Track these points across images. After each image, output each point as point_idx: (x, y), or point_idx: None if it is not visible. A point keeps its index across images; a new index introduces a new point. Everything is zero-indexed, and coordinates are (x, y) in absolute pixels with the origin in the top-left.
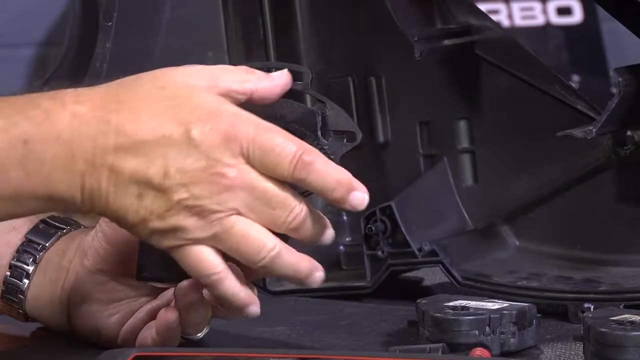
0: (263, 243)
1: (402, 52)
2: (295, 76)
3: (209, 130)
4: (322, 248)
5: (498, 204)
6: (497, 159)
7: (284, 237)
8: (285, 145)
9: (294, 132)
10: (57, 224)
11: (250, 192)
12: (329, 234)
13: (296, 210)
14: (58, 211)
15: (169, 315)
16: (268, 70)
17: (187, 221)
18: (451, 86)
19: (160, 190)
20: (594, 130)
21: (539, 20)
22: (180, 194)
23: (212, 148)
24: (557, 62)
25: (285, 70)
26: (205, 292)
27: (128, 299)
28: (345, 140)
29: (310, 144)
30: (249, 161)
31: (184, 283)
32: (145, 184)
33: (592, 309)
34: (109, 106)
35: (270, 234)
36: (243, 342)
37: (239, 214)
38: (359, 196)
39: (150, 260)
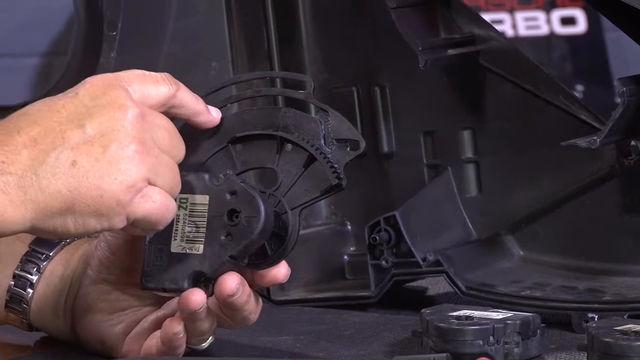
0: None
1: (406, 62)
2: (298, 85)
3: (89, 85)
4: (327, 258)
5: (502, 214)
6: (501, 169)
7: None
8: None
9: (296, 141)
10: None
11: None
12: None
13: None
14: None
15: (174, 326)
16: (271, 79)
17: (130, 156)
18: (455, 96)
19: (89, 142)
20: (598, 140)
21: (543, 30)
22: (109, 136)
23: (101, 93)
24: (561, 72)
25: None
26: (210, 302)
27: (132, 308)
28: (348, 149)
29: (313, 153)
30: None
31: (189, 293)
32: (74, 144)
33: (596, 319)
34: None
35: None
36: (247, 352)
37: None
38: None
39: (154, 270)
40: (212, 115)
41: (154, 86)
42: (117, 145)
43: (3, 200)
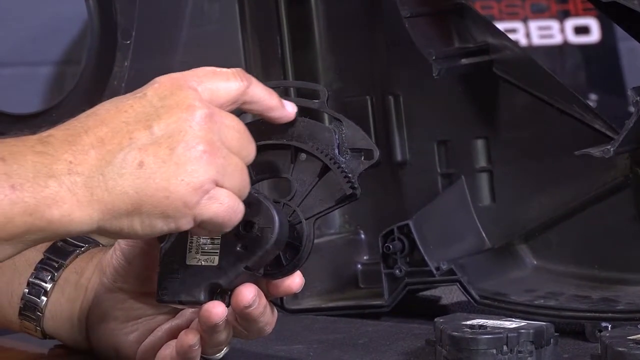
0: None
1: (420, 71)
2: (312, 94)
3: (157, 85)
4: (340, 267)
5: (515, 223)
6: (514, 178)
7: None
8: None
9: (310, 150)
10: (75, 242)
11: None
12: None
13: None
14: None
15: (190, 338)
16: (285, 89)
17: (197, 157)
18: (469, 105)
19: (157, 143)
20: (611, 149)
21: (557, 39)
22: (176, 137)
23: (169, 93)
24: (574, 81)
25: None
26: (228, 313)
27: (146, 317)
28: (362, 158)
29: (327, 163)
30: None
31: (210, 306)
32: (141, 145)
33: (609, 328)
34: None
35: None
36: None
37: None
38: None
39: (170, 283)
40: (287, 110)
41: (224, 83)
42: (184, 146)
43: (70, 200)
